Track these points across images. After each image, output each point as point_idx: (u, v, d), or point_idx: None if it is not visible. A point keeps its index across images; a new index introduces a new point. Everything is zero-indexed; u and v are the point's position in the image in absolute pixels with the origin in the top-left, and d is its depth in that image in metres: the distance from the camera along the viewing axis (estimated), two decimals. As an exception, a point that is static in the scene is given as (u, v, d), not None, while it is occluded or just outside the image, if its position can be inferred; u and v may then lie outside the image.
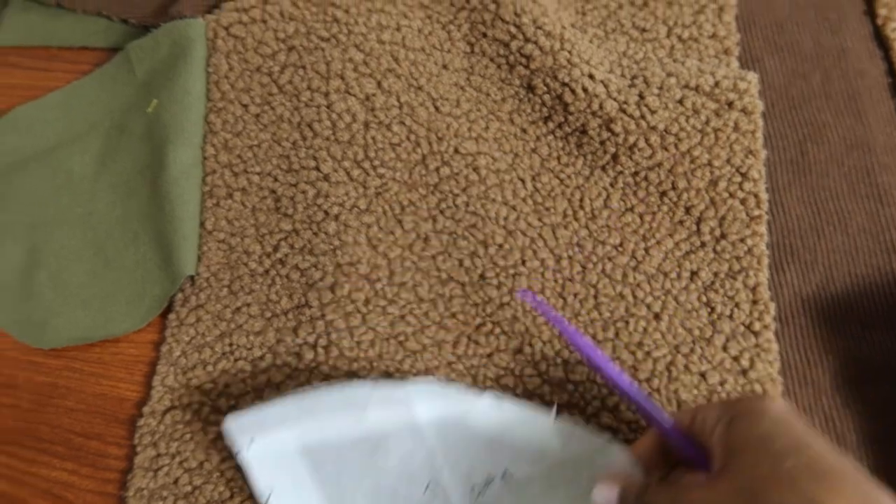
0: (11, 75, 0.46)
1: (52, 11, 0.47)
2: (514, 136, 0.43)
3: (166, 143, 0.41)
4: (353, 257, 0.40)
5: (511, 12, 0.44)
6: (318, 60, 0.43)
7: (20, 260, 0.41)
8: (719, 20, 0.47)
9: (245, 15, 0.43)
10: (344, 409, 0.33)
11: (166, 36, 0.43)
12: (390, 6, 0.45)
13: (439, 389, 0.34)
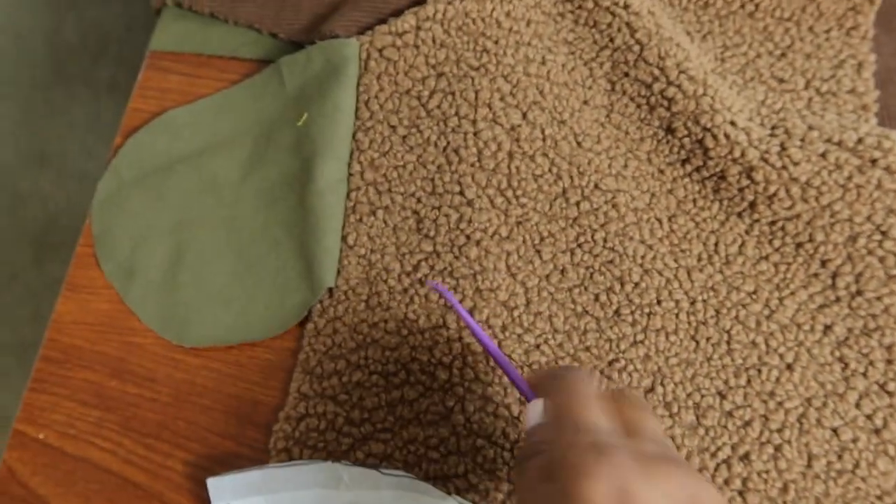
0: (165, 79, 0.48)
1: (204, 20, 0.49)
2: (652, 176, 0.44)
3: (314, 156, 0.43)
4: (493, 283, 0.41)
5: (655, 55, 0.45)
6: (468, 88, 0.44)
7: (165, 257, 0.43)
8: (858, 76, 0.47)
9: (399, 39, 0.44)
10: (317, 485, 0.36)
11: (320, 53, 0.45)
12: (536, 40, 0.45)
13: (409, 482, 0.35)
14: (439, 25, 0.45)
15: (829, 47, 0.48)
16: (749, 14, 0.48)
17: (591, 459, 0.24)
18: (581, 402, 0.28)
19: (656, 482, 0.24)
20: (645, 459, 0.25)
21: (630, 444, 0.26)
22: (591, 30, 0.47)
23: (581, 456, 0.25)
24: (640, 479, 0.24)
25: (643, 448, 0.26)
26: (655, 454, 0.25)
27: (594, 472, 0.24)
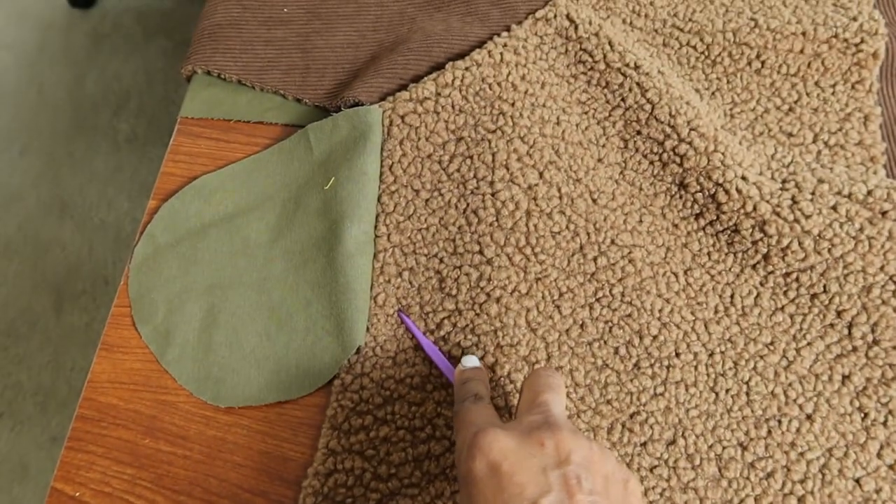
0: (196, 144, 0.50)
1: (232, 87, 0.52)
2: (667, 231, 0.45)
3: (343, 219, 0.44)
4: (514, 339, 0.42)
5: (666, 113, 0.46)
6: (485, 151, 0.46)
7: (200, 319, 0.44)
8: (865, 128, 0.48)
9: (420, 105, 0.46)
10: None
11: (345, 120, 0.47)
12: (551, 102, 0.47)
13: None
14: (458, 91, 0.47)
15: (835, 101, 0.49)
16: (756, 71, 0.50)
17: (469, 447, 0.31)
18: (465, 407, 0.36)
19: (527, 450, 0.30)
20: (514, 434, 0.31)
21: (502, 425, 0.32)
22: (603, 90, 0.48)
23: (466, 448, 0.31)
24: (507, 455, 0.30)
25: (517, 424, 0.32)
26: (529, 426, 0.31)
27: (473, 453, 0.30)
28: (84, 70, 1.47)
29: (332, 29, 0.52)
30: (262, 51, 0.51)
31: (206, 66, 0.51)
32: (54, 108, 1.43)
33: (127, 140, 1.39)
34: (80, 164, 1.38)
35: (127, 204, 1.33)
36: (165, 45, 1.50)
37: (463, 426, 0.34)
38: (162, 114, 1.41)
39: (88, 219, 1.32)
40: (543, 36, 0.49)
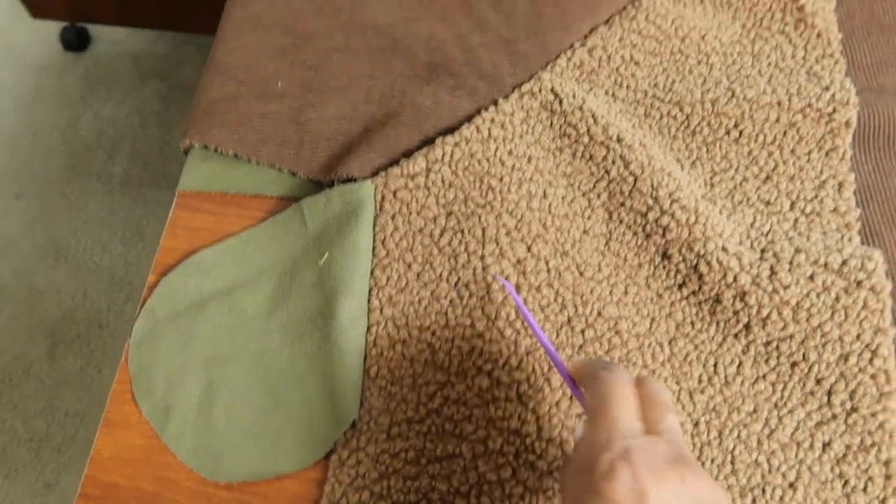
0: (194, 218, 0.51)
1: (229, 161, 0.53)
2: (651, 301, 0.47)
3: (336, 293, 0.46)
4: (505, 412, 0.43)
5: (649, 185, 0.48)
6: (475, 226, 0.47)
7: (199, 394, 0.45)
8: (839, 195, 0.50)
9: (411, 181, 0.48)
10: None
11: (339, 196, 0.48)
12: (538, 175, 0.49)
13: None
14: (447, 167, 0.48)
15: (810, 169, 0.51)
16: (734, 140, 0.52)
17: (617, 463, 0.29)
18: (614, 403, 0.33)
19: (671, 485, 0.29)
20: (661, 462, 0.29)
21: (650, 445, 0.30)
22: (588, 162, 0.50)
23: (609, 458, 0.30)
24: (655, 482, 0.28)
25: (661, 450, 0.30)
26: (671, 457, 0.30)
27: (618, 474, 0.29)
28: (78, 113, 1.49)
29: (325, 102, 0.54)
30: (258, 125, 0.53)
31: (203, 141, 0.52)
32: (49, 152, 1.45)
33: (121, 183, 1.40)
34: (75, 207, 1.39)
35: (121, 247, 1.34)
36: (159, 87, 1.52)
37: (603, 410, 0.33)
38: (156, 156, 1.43)
39: (83, 263, 1.33)
40: (529, 110, 0.51)
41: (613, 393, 0.33)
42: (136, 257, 1.33)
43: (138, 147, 1.44)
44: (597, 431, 0.32)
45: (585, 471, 0.30)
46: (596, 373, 0.35)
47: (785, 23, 0.57)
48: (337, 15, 0.57)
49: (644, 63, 0.55)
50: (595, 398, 0.34)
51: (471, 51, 0.54)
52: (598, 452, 0.30)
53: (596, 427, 0.32)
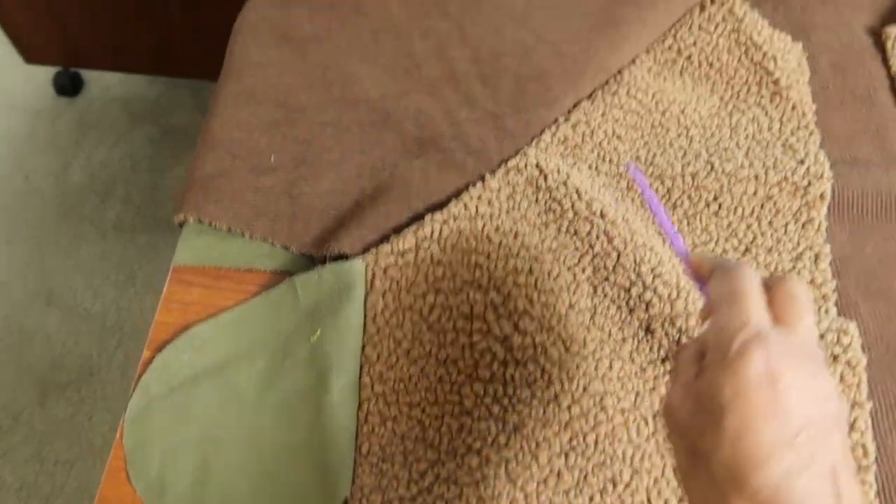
0: (188, 292, 0.52)
1: (223, 235, 0.54)
2: (636, 375, 0.48)
3: (328, 371, 0.47)
4: (494, 490, 0.44)
5: (631, 261, 0.50)
6: (463, 303, 0.49)
7: (192, 473, 0.46)
8: (816, 267, 0.52)
9: (400, 258, 0.49)
10: None
11: (331, 273, 0.49)
12: (524, 251, 0.51)
13: None
14: (436, 244, 0.50)
15: (787, 241, 0.53)
16: (714, 213, 0.54)
17: (752, 343, 0.28)
18: (746, 294, 0.31)
19: (803, 377, 0.28)
20: (795, 353, 0.29)
21: (785, 335, 0.30)
22: (572, 237, 0.52)
23: (742, 339, 0.29)
24: (788, 369, 0.28)
25: (796, 342, 0.30)
26: (805, 351, 0.30)
27: (752, 355, 0.28)
28: (70, 158, 1.50)
29: (317, 176, 0.55)
30: (251, 199, 0.54)
31: (197, 216, 0.53)
32: (41, 197, 1.45)
33: (114, 228, 1.41)
34: (67, 252, 1.39)
35: (113, 292, 1.34)
36: (152, 131, 1.53)
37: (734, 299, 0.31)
38: (148, 201, 1.44)
39: (74, 308, 1.33)
40: (515, 185, 0.53)
41: (745, 285, 0.32)
42: (127, 302, 1.33)
43: (130, 191, 1.45)
44: (728, 318, 0.31)
45: (715, 349, 0.30)
46: (725, 264, 0.34)
47: (761, 95, 0.59)
48: (329, 89, 0.59)
49: (626, 137, 0.57)
50: (725, 288, 0.32)
51: (458, 126, 0.56)
52: (731, 334, 0.29)
53: (726, 314, 0.31)
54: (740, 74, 0.60)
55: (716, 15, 0.62)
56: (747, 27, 0.61)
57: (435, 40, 0.61)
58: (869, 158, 0.58)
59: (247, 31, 0.62)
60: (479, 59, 0.59)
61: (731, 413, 0.28)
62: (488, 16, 0.61)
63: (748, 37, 0.61)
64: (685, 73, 0.61)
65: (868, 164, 0.57)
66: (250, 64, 0.60)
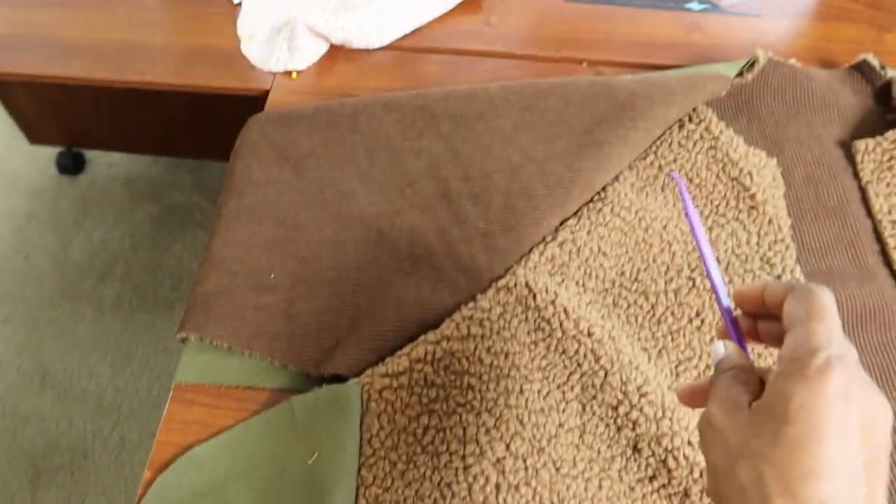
0: (188, 411, 0.54)
1: (223, 352, 0.56)
2: (624, 494, 0.49)
3: (324, 493, 0.48)
4: None
5: (618, 380, 0.52)
6: (456, 425, 0.50)
7: None
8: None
9: (395, 380, 0.51)
10: None
11: (327, 394, 0.51)
12: (514, 371, 0.52)
13: None
14: (430, 366, 0.52)
15: (769, 355, 0.55)
16: (697, 328, 0.56)
17: (834, 362, 0.29)
18: (831, 313, 0.32)
19: (875, 402, 0.29)
20: (868, 382, 0.30)
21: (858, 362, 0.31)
22: (561, 356, 0.54)
23: (826, 356, 0.29)
24: (863, 392, 0.29)
25: (864, 374, 0.31)
26: (871, 382, 0.30)
27: (834, 373, 0.28)
28: (71, 236, 1.53)
29: (315, 294, 0.57)
30: (252, 317, 0.56)
31: (198, 334, 0.55)
32: (40, 276, 1.47)
33: (112, 306, 1.43)
34: (64, 331, 1.40)
35: (110, 372, 1.35)
36: (152, 209, 1.56)
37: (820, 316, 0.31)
38: (147, 279, 1.46)
39: (69, 388, 1.33)
40: (505, 305, 0.55)
41: (831, 304, 0.32)
42: (124, 382, 1.34)
43: (130, 270, 1.47)
44: (812, 333, 0.31)
45: (793, 361, 0.30)
46: (801, 286, 0.34)
47: (739, 210, 0.62)
48: (326, 207, 0.62)
49: (611, 253, 0.59)
50: (808, 306, 0.32)
51: (451, 244, 0.59)
52: (815, 348, 0.30)
53: (810, 330, 0.31)
54: (718, 189, 0.63)
55: (694, 133, 0.66)
56: (724, 144, 0.64)
57: (428, 159, 0.64)
58: (843, 270, 0.60)
59: (248, 149, 0.65)
60: (470, 177, 0.62)
61: (798, 420, 0.28)
62: (479, 135, 0.65)
63: (725, 153, 0.64)
64: (666, 189, 0.64)
65: (843, 276, 0.60)
66: (251, 182, 0.63)
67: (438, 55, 0.76)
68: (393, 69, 0.75)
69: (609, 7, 0.81)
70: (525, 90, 0.67)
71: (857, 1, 0.83)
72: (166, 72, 0.75)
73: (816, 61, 0.76)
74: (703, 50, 0.77)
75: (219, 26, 0.79)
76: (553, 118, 0.65)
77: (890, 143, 0.65)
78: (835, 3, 0.83)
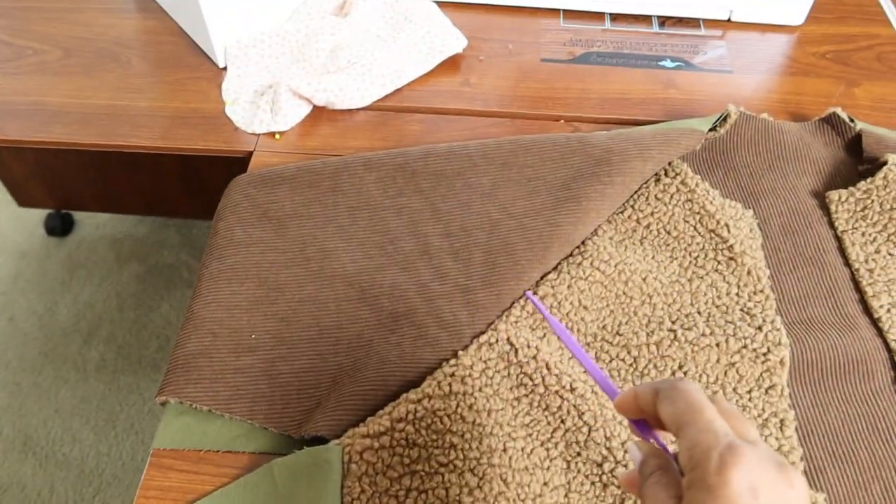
0: (167, 478, 0.53)
1: (203, 415, 0.55)
2: (612, 555, 0.48)
3: (304, 562, 0.47)
4: None
5: (602, 436, 0.51)
6: (438, 486, 0.49)
7: None
8: (782, 433, 0.54)
9: (376, 441, 0.50)
10: None
11: (308, 457, 0.50)
12: (498, 428, 0.52)
13: None
14: (411, 425, 0.51)
15: (753, 408, 0.55)
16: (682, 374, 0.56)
17: (728, 458, 0.29)
18: (706, 407, 0.32)
19: (781, 486, 0.29)
20: (769, 462, 0.30)
21: (753, 446, 0.30)
22: (544, 412, 0.53)
23: (718, 454, 0.29)
24: (767, 480, 0.29)
25: (764, 452, 0.30)
26: (775, 459, 0.30)
27: (730, 470, 0.28)
28: (57, 298, 1.52)
29: (295, 353, 0.57)
30: (232, 379, 0.56)
31: (178, 397, 0.55)
32: (24, 338, 1.46)
33: (96, 368, 1.41)
34: (47, 395, 1.38)
35: (92, 436, 1.32)
36: (138, 269, 1.56)
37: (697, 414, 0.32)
38: (133, 340, 1.45)
39: (51, 454, 1.31)
40: (487, 361, 0.55)
41: (699, 397, 0.33)
42: (107, 447, 1.31)
43: (115, 331, 1.46)
44: (696, 433, 0.31)
45: (693, 471, 0.30)
46: (674, 385, 0.34)
47: (718, 261, 0.63)
48: (308, 265, 0.62)
49: (592, 307, 0.59)
50: (683, 406, 0.33)
51: (432, 300, 0.59)
52: (706, 450, 0.30)
53: (693, 430, 0.31)
54: (697, 241, 0.64)
55: (670, 186, 0.67)
56: (700, 197, 0.65)
57: (408, 216, 0.65)
58: (824, 319, 0.61)
59: (230, 210, 0.65)
60: (450, 233, 0.63)
61: None
62: (458, 192, 0.66)
63: (701, 206, 0.65)
64: (645, 242, 0.64)
65: (823, 326, 0.60)
66: (233, 243, 0.63)
67: (419, 114, 0.78)
68: (374, 128, 0.76)
69: (584, 66, 0.83)
70: (503, 147, 0.68)
71: (825, 57, 0.86)
72: (152, 135, 0.76)
73: (787, 115, 0.78)
74: (677, 106, 0.79)
75: (204, 91, 0.81)
76: (531, 174, 0.66)
77: (862, 193, 0.67)
78: (803, 59, 0.86)
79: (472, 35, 0.85)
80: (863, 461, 0.53)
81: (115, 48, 0.87)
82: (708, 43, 0.88)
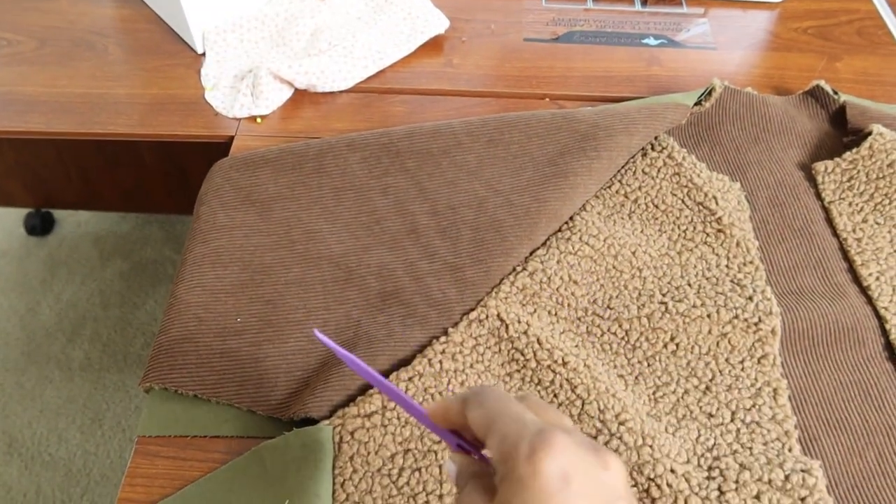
0: (153, 465, 0.52)
1: (189, 400, 0.54)
2: (608, 528, 0.48)
3: (297, 544, 0.46)
4: None
5: (595, 409, 0.51)
6: (432, 464, 0.48)
7: None
8: (775, 402, 0.53)
9: (367, 420, 0.49)
10: None
11: (297, 438, 0.49)
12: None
13: None
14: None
15: (745, 377, 0.55)
16: (672, 353, 0.56)
17: (536, 444, 0.28)
18: (511, 404, 0.31)
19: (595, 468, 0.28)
20: (581, 446, 0.29)
21: (564, 431, 0.29)
22: (536, 387, 0.53)
23: (527, 443, 0.28)
24: (580, 464, 0.28)
25: (577, 437, 0.29)
26: (588, 442, 0.29)
27: (539, 456, 0.27)
28: (39, 297, 1.49)
29: (282, 335, 0.56)
30: (217, 364, 0.55)
31: (162, 383, 0.54)
32: (6, 339, 1.43)
33: (81, 367, 1.39)
34: (31, 396, 1.36)
35: (79, 436, 1.30)
36: (122, 266, 1.54)
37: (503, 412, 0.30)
38: (117, 338, 1.43)
39: (37, 455, 1.28)
40: (478, 337, 0.54)
41: (501, 395, 0.32)
42: (94, 446, 1.29)
43: (99, 329, 1.44)
44: (504, 426, 0.30)
45: (504, 463, 0.28)
46: (480, 389, 0.33)
47: (706, 234, 0.62)
48: (293, 247, 0.61)
49: (582, 282, 0.59)
50: (490, 404, 0.31)
51: (420, 279, 0.58)
52: (515, 441, 0.28)
53: (501, 424, 0.30)
54: (685, 214, 0.64)
55: (657, 160, 0.66)
56: (687, 170, 0.65)
57: (394, 196, 0.64)
58: (814, 289, 0.60)
59: (212, 194, 0.64)
60: (437, 212, 0.62)
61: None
62: (444, 170, 0.65)
63: (689, 179, 0.65)
64: (633, 216, 0.64)
65: (813, 296, 0.60)
66: (216, 227, 0.62)
67: (403, 95, 0.77)
68: (357, 110, 0.75)
69: (567, 45, 0.83)
70: (488, 124, 0.68)
71: (807, 32, 0.86)
72: (131, 122, 0.75)
73: (771, 89, 0.78)
74: (661, 82, 0.78)
75: (182, 77, 0.79)
76: (517, 151, 0.65)
77: (848, 164, 0.67)
78: (785, 34, 0.86)
79: (454, 16, 0.85)
80: (856, 428, 0.53)
81: (90, 37, 0.85)
82: (690, 20, 0.87)
